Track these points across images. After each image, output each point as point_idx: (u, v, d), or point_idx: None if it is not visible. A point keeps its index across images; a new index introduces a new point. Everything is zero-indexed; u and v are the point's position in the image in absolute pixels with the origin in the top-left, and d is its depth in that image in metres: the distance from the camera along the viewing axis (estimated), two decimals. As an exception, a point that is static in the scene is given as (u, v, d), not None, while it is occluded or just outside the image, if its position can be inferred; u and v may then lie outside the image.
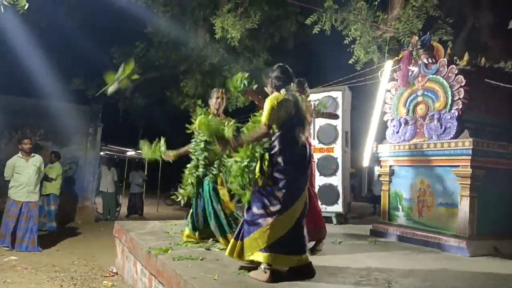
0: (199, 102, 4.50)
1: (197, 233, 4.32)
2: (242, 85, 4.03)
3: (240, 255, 3.16)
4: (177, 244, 4.18)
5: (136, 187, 12.95)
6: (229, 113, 6.75)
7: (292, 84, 3.29)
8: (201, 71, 11.30)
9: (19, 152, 6.72)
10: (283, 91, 3.20)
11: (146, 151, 4.57)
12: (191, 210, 4.43)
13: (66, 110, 10.50)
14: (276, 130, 3.12)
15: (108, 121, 12.02)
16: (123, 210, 12.75)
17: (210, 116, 4.23)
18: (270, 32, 10.97)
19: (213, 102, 4.47)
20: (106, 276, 5.16)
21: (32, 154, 6.72)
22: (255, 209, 3.09)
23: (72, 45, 12.48)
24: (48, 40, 11.29)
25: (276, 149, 3.10)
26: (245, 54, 11.27)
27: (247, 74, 4.09)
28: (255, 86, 4.05)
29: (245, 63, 11.25)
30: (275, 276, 2.99)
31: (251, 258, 3.06)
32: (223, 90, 4.55)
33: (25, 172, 6.54)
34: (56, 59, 11.53)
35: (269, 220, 3.01)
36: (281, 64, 3.39)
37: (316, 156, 6.70)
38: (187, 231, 4.40)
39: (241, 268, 3.24)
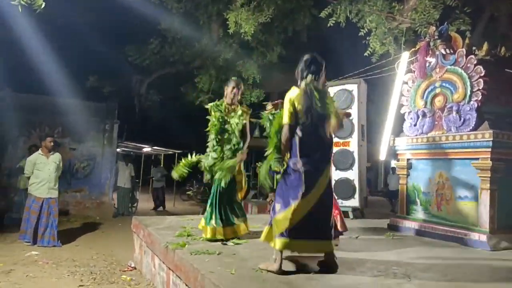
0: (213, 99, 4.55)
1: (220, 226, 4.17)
2: None
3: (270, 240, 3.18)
4: (194, 238, 4.21)
5: (156, 182, 13.38)
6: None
7: (311, 75, 3.15)
8: (215, 66, 11.33)
9: (39, 150, 6.89)
10: (303, 83, 3.16)
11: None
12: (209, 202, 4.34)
13: (83, 107, 10.69)
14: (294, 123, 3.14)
15: (124, 117, 12.19)
16: (150, 205, 13.10)
17: (223, 105, 4.35)
18: (284, 26, 10.89)
19: (228, 91, 4.42)
20: (125, 271, 5.24)
21: (51, 152, 6.86)
22: (276, 197, 3.17)
23: (87, 43, 12.63)
24: (63, 39, 11.46)
25: (294, 140, 3.11)
26: (258, 49, 11.25)
27: None
28: None
29: (258, 57, 11.22)
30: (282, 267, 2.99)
31: (271, 245, 3.11)
32: (239, 80, 4.59)
33: (45, 169, 6.68)
34: (72, 57, 11.70)
35: (285, 208, 3.04)
36: (307, 54, 3.28)
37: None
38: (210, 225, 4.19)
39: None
